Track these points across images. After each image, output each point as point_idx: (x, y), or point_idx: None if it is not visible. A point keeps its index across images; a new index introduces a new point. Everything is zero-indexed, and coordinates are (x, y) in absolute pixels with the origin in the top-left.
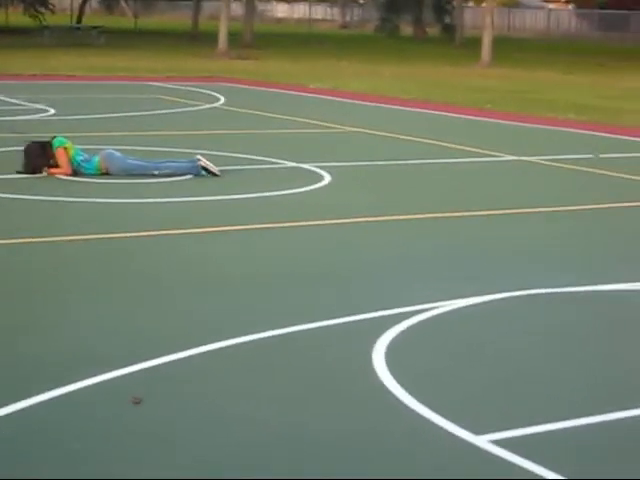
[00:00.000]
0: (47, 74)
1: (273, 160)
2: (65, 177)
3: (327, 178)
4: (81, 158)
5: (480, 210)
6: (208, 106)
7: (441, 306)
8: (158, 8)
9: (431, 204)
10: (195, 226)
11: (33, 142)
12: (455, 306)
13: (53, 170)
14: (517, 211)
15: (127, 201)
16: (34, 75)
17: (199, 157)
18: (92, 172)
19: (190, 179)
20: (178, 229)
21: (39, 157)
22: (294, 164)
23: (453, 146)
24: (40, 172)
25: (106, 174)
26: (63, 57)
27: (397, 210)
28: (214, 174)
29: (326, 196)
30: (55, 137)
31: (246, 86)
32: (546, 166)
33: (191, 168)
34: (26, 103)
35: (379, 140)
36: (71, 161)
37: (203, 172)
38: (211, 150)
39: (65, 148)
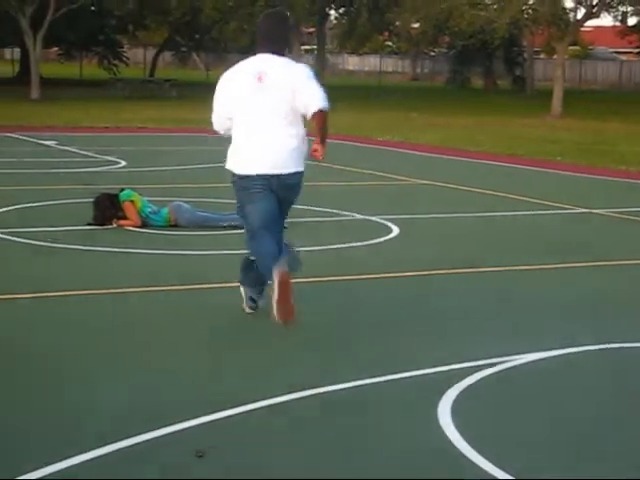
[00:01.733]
0: (119, 126)
1: (341, 212)
2: (134, 229)
3: (396, 230)
4: (149, 210)
5: (550, 263)
6: None
7: (510, 360)
8: (230, 60)
9: (501, 257)
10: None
11: (103, 194)
12: (524, 360)
13: (122, 222)
14: (589, 264)
15: (195, 253)
16: (106, 127)
17: None
18: (161, 224)
19: None
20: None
21: (109, 209)
22: (362, 216)
23: (524, 198)
24: (110, 223)
25: (175, 226)
26: (135, 109)
27: (466, 263)
28: None
29: (394, 248)
30: (122, 190)
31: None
32: (618, 219)
33: None
34: (98, 155)
35: (449, 192)
36: (139, 213)
37: None
38: None
39: (132, 201)
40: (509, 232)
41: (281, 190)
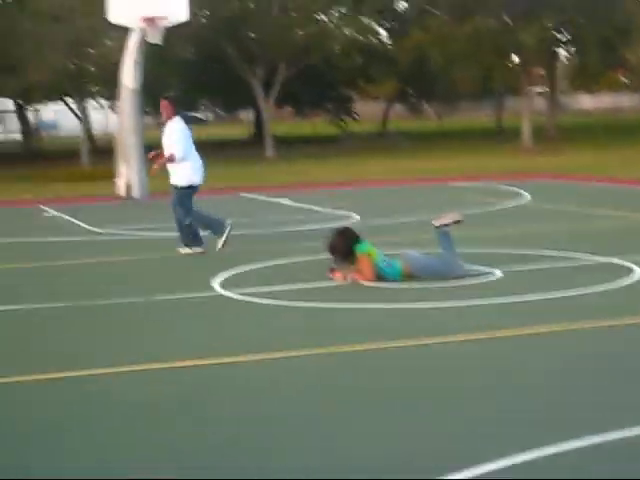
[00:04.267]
0: (352, 180)
1: (582, 256)
2: (369, 283)
3: (639, 273)
4: (384, 263)
5: None
6: (513, 204)
7: None
8: (461, 108)
9: None
10: (496, 328)
11: (341, 234)
12: None
13: (356, 276)
14: None
15: (431, 306)
16: (339, 182)
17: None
18: (395, 277)
19: (496, 280)
20: (481, 333)
21: (344, 250)
22: (604, 259)
23: None
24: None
25: (409, 277)
26: (368, 162)
27: None
28: (456, 222)
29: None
30: (359, 239)
31: (551, 181)
32: None
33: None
34: (331, 210)
35: None
36: (375, 267)
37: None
38: (515, 249)
39: (368, 255)
40: None
41: None
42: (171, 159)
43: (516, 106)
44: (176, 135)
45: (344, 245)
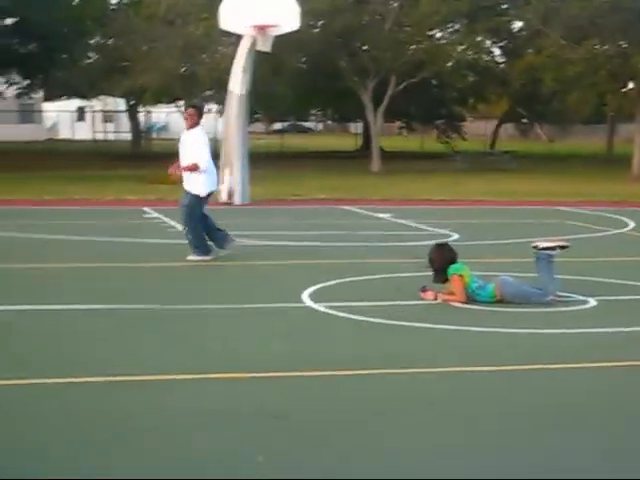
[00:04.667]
0: (456, 199)
1: None
2: (459, 305)
3: None
4: (476, 285)
5: None
6: (615, 232)
7: None
8: (573, 131)
9: None
10: (583, 360)
11: (440, 251)
12: None
13: (447, 297)
14: None
15: (523, 331)
16: (443, 200)
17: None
18: (486, 299)
19: (589, 308)
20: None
21: (442, 263)
22: None
23: None
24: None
25: (500, 301)
26: (473, 182)
27: None
28: (560, 247)
29: None
30: (454, 260)
31: None
32: None
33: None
34: (431, 228)
35: None
36: (466, 288)
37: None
38: (612, 278)
39: (461, 275)
40: None
41: None
42: (194, 168)
43: (630, 132)
44: (200, 145)
45: (442, 259)
